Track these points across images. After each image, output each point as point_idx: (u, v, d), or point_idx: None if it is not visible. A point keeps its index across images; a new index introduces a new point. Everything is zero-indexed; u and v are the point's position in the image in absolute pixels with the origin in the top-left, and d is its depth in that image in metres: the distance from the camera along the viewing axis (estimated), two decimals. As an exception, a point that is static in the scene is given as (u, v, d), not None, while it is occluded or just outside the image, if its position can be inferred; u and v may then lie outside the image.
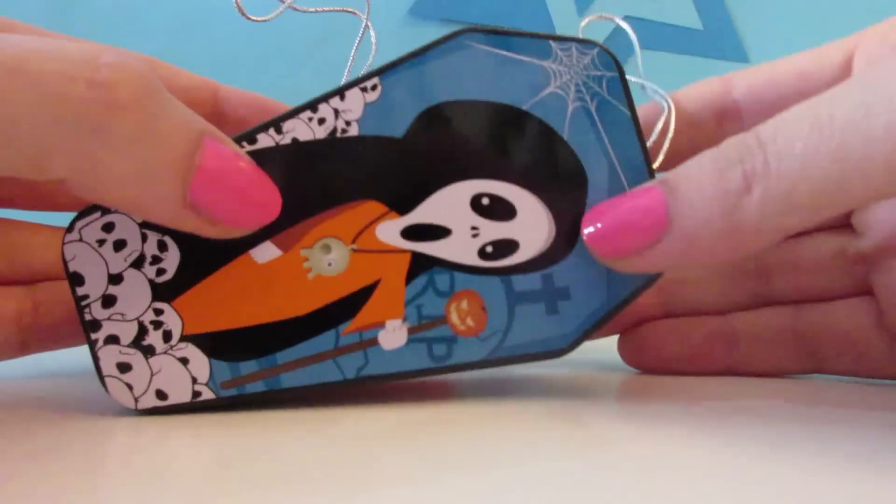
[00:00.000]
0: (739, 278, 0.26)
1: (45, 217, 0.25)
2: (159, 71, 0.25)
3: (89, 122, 0.16)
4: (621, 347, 0.27)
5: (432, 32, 0.57)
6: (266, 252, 0.20)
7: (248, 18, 0.26)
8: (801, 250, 0.26)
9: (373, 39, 0.27)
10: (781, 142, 0.17)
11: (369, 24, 0.27)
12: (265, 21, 0.27)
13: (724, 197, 0.18)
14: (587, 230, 0.20)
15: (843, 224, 0.25)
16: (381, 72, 0.21)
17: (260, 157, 0.20)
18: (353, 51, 0.28)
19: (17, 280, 0.23)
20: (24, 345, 0.23)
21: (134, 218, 0.20)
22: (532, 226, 0.21)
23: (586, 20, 0.27)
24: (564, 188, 0.21)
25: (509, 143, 0.21)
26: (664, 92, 0.25)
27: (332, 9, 0.28)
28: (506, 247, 0.21)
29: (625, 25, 0.28)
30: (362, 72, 0.27)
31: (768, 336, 0.26)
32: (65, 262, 0.19)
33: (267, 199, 0.19)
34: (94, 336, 0.20)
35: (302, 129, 0.20)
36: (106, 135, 0.16)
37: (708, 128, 0.25)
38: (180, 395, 0.20)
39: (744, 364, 0.26)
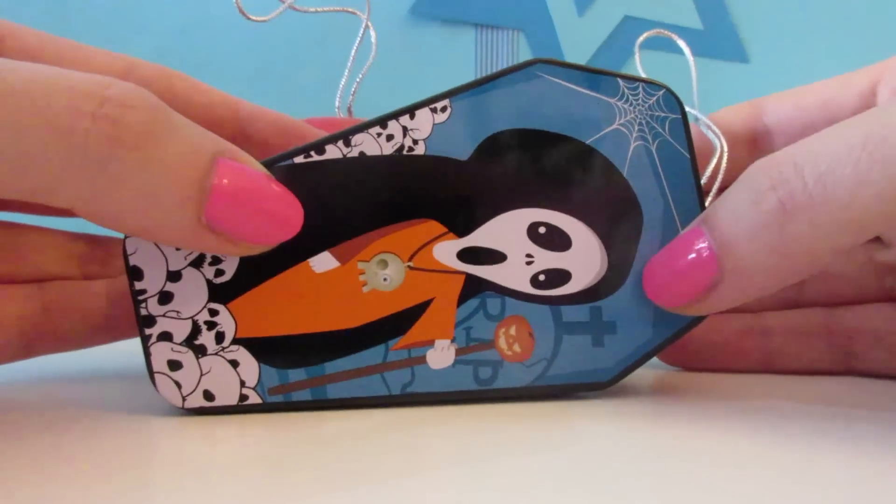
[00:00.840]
0: None
1: (47, 220, 0.24)
2: (178, 87, 0.24)
3: (94, 155, 0.16)
4: None
5: (433, 32, 0.58)
6: (324, 262, 0.20)
7: (249, 18, 0.26)
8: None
9: (373, 39, 0.27)
10: (826, 166, 0.17)
11: (369, 24, 0.27)
12: (265, 21, 0.27)
13: (764, 230, 0.18)
14: (647, 284, 0.21)
15: None
16: (452, 94, 0.21)
17: (326, 167, 0.20)
18: (354, 51, 0.28)
19: (25, 282, 0.22)
20: (29, 347, 0.22)
21: None
22: (585, 258, 0.21)
23: (644, 35, 0.28)
24: (620, 224, 0.21)
25: (570, 175, 0.21)
26: (718, 130, 0.25)
27: (332, 9, 0.28)
28: (558, 277, 0.21)
29: (682, 44, 0.28)
30: (362, 71, 0.27)
31: (801, 331, 0.26)
32: (126, 256, 0.19)
33: (289, 214, 0.19)
34: (147, 332, 0.20)
35: (370, 144, 0.21)
36: (110, 167, 0.16)
37: (741, 152, 0.26)
38: (227, 397, 0.20)
39: (777, 360, 0.26)
